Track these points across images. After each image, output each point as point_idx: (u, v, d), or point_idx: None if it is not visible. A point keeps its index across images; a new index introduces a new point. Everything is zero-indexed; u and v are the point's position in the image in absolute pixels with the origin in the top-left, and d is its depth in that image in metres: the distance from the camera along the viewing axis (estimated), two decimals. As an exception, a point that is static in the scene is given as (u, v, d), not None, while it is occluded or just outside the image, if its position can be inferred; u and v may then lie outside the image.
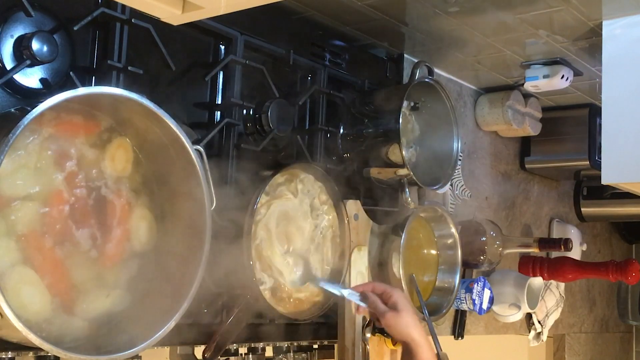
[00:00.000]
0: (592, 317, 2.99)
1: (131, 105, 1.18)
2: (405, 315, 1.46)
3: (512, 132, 2.31)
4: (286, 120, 1.56)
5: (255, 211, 1.41)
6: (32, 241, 1.13)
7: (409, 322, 1.45)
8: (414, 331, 1.45)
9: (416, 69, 1.72)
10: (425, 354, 1.44)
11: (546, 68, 1.96)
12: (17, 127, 1.02)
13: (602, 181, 1.65)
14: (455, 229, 1.85)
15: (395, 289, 1.50)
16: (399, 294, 1.49)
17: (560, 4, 1.58)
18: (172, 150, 1.24)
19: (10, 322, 1.00)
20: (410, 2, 1.60)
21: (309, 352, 1.64)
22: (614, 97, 1.64)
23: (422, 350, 1.44)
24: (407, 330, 1.45)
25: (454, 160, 1.81)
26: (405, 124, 1.78)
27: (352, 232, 1.62)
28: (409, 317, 1.46)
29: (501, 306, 2.23)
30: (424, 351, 1.44)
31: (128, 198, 1.25)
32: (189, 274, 1.22)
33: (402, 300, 1.48)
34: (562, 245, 2.06)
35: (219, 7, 1.07)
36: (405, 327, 1.45)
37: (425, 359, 1.44)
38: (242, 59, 1.48)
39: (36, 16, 1.18)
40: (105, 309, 1.21)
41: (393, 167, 1.68)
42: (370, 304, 1.50)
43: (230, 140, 1.47)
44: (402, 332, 1.46)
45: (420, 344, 1.44)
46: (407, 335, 1.45)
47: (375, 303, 1.49)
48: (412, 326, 1.45)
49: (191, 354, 1.44)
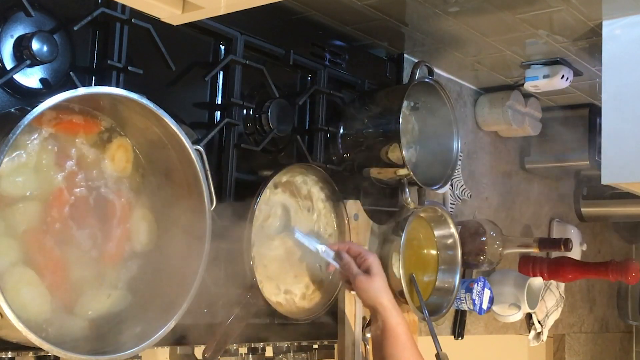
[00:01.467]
0: (592, 317, 2.99)
1: (131, 105, 1.18)
2: (377, 280, 1.46)
3: (512, 132, 2.31)
4: (286, 120, 1.56)
5: (255, 211, 1.41)
6: (32, 241, 1.13)
7: (380, 287, 1.45)
8: (384, 296, 1.45)
9: (416, 69, 1.72)
10: (392, 319, 1.43)
11: (546, 68, 1.96)
12: (17, 127, 1.02)
13: (602, 181, 1.65)
14: (455, 229, 1.85)
15: (370, 253, 1.50)
16: (373, 258, 1.48)
17: (560, 4, 1.58)
18: (172, 150, 1.24)
19: (10, 322, 1.00)
20: (410, 2, 1.60)
21: (309, 352, 1.64)
22: (614, 97, 1.64)
23: (389, 315, 1.43)
24: (376, 294, 1.45)
25: (454, 160, 1.81)
26: (405, 124, 1.78)
27: (352, 232, 1.62)
28: (380, 282, 1.46)
29: (501, 306, 2.23)
30: (392, 316, 1.43)
31: (128, 198, 1.25)
32: (189, 274, 1.22)
33: (376, 265, 1.47)
34: (562, 245, 2.06)
35: (219, 7, 1.07)
36: (376, 291, 1.45)
37: (393, 324, 1.42)
38: (242, 59, 1.48)
39: (36, 16, 1.18)
40: (106, 309, 1.21)
41: (393, 167, 1.68)
42: (344, 265, 1.49)
43: (230, 140, 1.47)
44: (371, 296, 1.46)
45: (388, 309, 1.44)
46: (375, 299, 1.45)
47: (349, 264, 1.49)
48: (383, 291, 1.45)
49: (191, 354, 1.44)
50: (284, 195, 1.51)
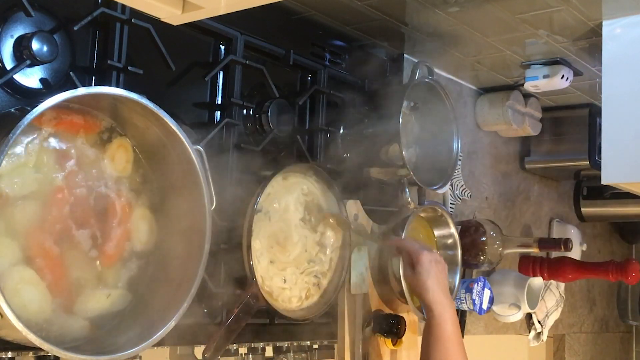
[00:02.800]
0: (592, 317, 2.99)
1: (131, 105, 1.18)
2: (420, 278, 1.50)
3: (512, 132, 2.31)
4: (286, 120, 1.56)
5: (255, 211, 1.41)
6: (32, 241, 1.13)
7: (423, 285, 1.50)
8: (427, 293, 1.49)
9: (416, 69, 1.72)
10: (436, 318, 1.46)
11: (546, 68, 1.96)
12: (17, 127, 1.02)
13: (602, 181, 1.65)
14: (455, 229, 1.85)
15: (421, 250, 1.54)
16: (421, 258, 1.52)
17: (560, 4, 1.58)
18: (172, 150, 1.24)
19: (10, 322, 1.00)
20: (410, 2, 1.60)
21: (309, 352, 1.64)
22: (614, 97, 1.65)
23: (431, 313, 1.47)
24: (420, 291, 1.51)
25: (454, 160, 1.81)
26: (405, 124, 1.78)
27: (352, 232, 1.62)
28: (424, 279, 1.50)
29: (501, 306, 2.23)
30: (435, 314, 1.47)
31: (128, 198, 1.25)
32: (189, 274, 1.22)
33: (422, 261, 1.51)
34: (562, 245, 2.06)
35: (219, 7, 1.07)
36: (420, 288, 1.50)
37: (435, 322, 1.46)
38: (242, 59, 1.48)
39: (36, 16, 1.18)
40: (106, 309, 1.21)
41: (393, 167, 1.68)
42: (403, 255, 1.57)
43: (230, 140, 1.47)
44: (416, 292, 1.53)
45: (429, 307, 1.48)
46: (419, 295, 1.52)
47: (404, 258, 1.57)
48: (425, 289, 1.49)
49: (191, 354, 1.44)
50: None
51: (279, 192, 1.51)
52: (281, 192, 1.51)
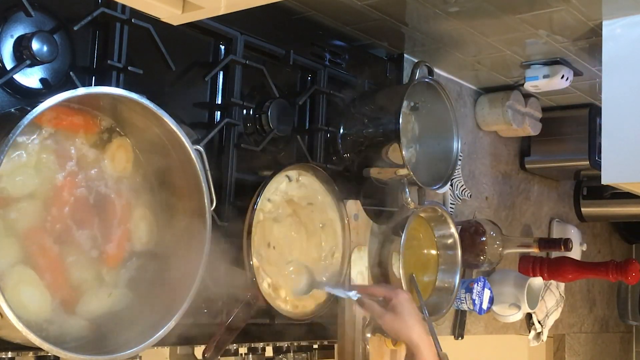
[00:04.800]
0: (592, 317, 2.99)
1: (131, 105, 1.18)
2: (402, 318, 1.46)
3: (512, 132, 2.31)
4: (286, 120, 1.56)
5: (255, 211, 1.41)
6: (32, 241, 1.13)
7: (407, 325, 1.46)
8: (413, 333, 1.45)
9: (416, 69, 1.72)
10: (423, 356, 1.44)
11: (546, 68, 1.96)
12: (17, 127, 1.02)
13: (602, 181, 1.65)
14: (455, 229, 1.85)
15: (397, 291, 1.50)
16: (399, 296, 1.49)
17: (560, 4, 1.58)
18: (172, 150, 1.24)
19: (10, 322, 1.00)
20: (410, 2, 1.60)
21: (309, 352, 1.64)
22: (614, 97, 1.64)
23: (418, 352, 1.44)
24: (404, 332, 1.46)
25: (454, 160, 1.81)
26: (405, 124, 1.78)
27: (352, 232, 1.62)
28: (405, 319, 1.46)
29: (501, 306, 2.23)
30: (421, 352, 1.44)
31: (128, 198, 1.25)
32: (189, 274, 1.22)
33: (401, 303, 1.48)
34: (562, 245, 2.06)
35: (219, 7, 1.07)
36: (402, 329, 1.46)
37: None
38: (242, 59, 1.48)
39: (36, 16, 1.18)
40: (106, 309, 1.21)
41: (393, 167, 1.68)
42: (367, 309, 1.52)
43: (230, 140, 1.47)
44: (400, 335, 1.47)
45: (417, 346, 1.45)
46: (405, 337, 1.46)
47: (372, 306, 1.51)
48: (410, 328, 1.46)
49: (191, 354, 1.44)
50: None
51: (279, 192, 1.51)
52: (281, 191, 1.51)
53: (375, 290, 1.54)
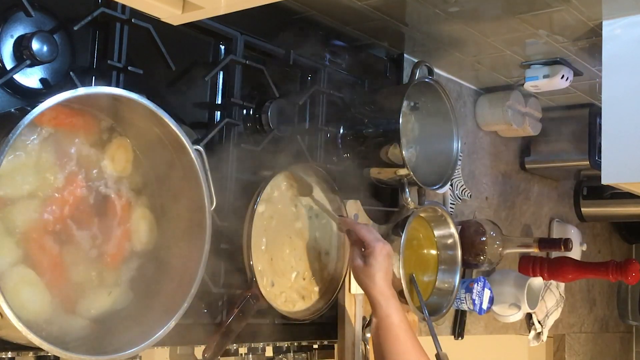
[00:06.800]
0: (592, 317, 2.99)
1: (131, 105, 1.18)
2: (369, 270, 1.43)
3: (512, 132, 2.31)
4: (286, 120, 1.56)
5: (255, 211, 1.41)
6: (32, 241, 1.13)
7: (371, 277, 1.42)
8: (374, 288, 1.41)
9: (416, 69, 1.72)
10: (381, 311, 1.40)
11: (546, 68, 1.96)
12: (17, 127, 1.02)
13: (602, 181, 1.65)
14: (455, 229, 1.85)
15: (378, 241, 1.45)
16: (377, 247, 1.44)
17: (560, 4, 1.58)
18: (172, 150, 1.24)
19: (10, 322, 1.00)
20: (410, 2, 1.60)
21: (309, 352, 1.64)
22: (614, 97, 1.64)
23: (377, 306, 1.41)
24: (366, 284, 1.43)
25: (454, 160, 1.81)
26: (405, 124, 1.78)
27: (313, 201, 1.61)
28: (372, 272, 1.42)
29: (501, 306, 2.23)
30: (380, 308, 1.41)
31: (128, 198, 1.25)
32: (189, 274, 1.22)
33: (376, 254, 1.43)
34: (562, 245, 2.06)
35: (219, 7, 1.07)
36: (366, 281, 1.43)
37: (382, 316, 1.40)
38: (242, 59, 1.48)
39: (36, 16, 1.18)
40: (106, 309, 1.21)
41: (393, 167, 1.68)
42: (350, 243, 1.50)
43: (230, 140, 1.47)
44: (362, 286, 1.45)
45: (375, 303, 1.41)
46: (365, 289, 1.44)
47: (353, 246, 1.48)
48: (374, 282, 1.41)
49: (191, 354, 1.44)
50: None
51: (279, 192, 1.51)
52: (282, 191, 1.51)
53: (359, 230, 1.48)
